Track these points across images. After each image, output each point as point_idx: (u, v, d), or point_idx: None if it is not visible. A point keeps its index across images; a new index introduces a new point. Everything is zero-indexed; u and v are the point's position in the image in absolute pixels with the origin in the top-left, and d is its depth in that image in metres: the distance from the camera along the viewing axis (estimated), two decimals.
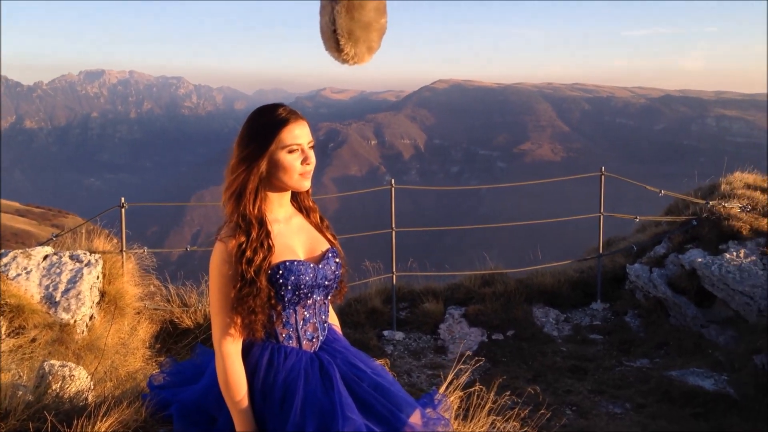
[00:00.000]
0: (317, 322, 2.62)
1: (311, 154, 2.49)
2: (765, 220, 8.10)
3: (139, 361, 6.06)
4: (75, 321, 5.88)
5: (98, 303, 6.45)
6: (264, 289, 2.41)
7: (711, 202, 8.53)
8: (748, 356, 6.59)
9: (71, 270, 6.43)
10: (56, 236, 7.35)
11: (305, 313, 2.56)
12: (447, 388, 3.26)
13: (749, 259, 7.59)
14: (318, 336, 2.63)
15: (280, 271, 2.44)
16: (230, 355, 2.43)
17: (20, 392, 3.28)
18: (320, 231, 2.69)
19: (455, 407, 3.16)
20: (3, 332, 5.31)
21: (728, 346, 7.13)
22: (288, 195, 2.59)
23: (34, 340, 5.42)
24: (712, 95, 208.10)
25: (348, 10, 2.31)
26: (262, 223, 2.46)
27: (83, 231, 7.40)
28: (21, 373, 4.43)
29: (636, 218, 9.00)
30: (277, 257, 2.45)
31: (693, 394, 6.28)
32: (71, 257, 6.67)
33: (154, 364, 6.37)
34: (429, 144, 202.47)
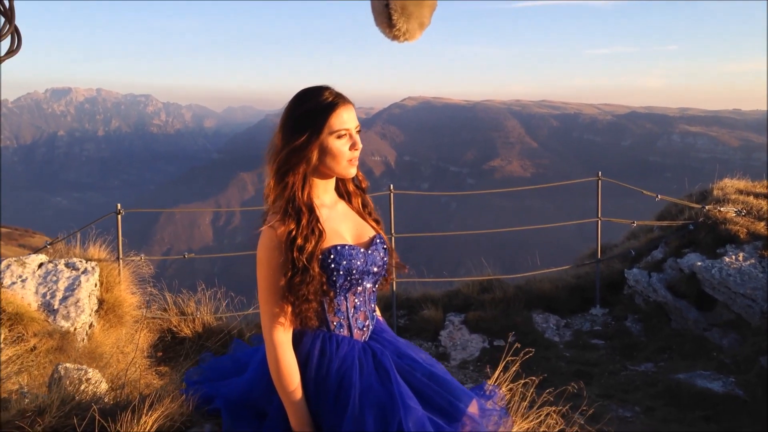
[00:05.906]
0: (367, 311, 2.54)
1: (358, 139, 2.41)
2: (762, 224, 8.15)
3: (139, 371, 5.87)
4: (75, 329, 5.68)
5: (96, 311, 6.26)
6: (316, 276, 2.32)
7: (707, 207, 8.57)
8: (754, 358, 6.59)
9: (68, 278, 6.23)
10: (50, 243, 7.15)
11: (356, 300, 2.48)
12: (496, 380, 3.17)
13: (748, 262, 7.62)
14: (368, 325, 2.55)
15: (332, 256, 2.35)
16: (282, 344, 2.33)
17: (27, 399, 3.12)
18: (363, 217, 2.61)
19: (507, 399, 3.08)
20: (2, 340, 5.10)
21: (732, 348, 7.13)
22: (333, 181, 2.52)
23: (34, 348, 5.22)
24: (677, 112, 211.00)
25: None
26: (311, 209, 2.37)
27: (77, 239, 7.20)
28: (21, 382, 4.25)
29: (633, 223, 9.02)
30: (326, 242, 2.37)
31: (701, 396, 6.25)
32: (67, 265, 6.47)
33: (153, 373, 6.19)
34: (399, 161, 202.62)
